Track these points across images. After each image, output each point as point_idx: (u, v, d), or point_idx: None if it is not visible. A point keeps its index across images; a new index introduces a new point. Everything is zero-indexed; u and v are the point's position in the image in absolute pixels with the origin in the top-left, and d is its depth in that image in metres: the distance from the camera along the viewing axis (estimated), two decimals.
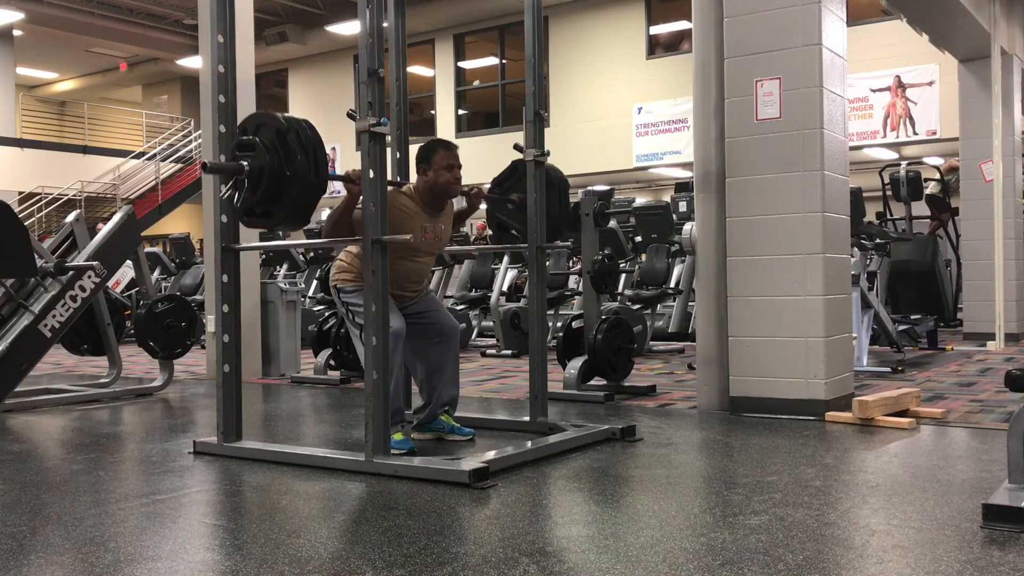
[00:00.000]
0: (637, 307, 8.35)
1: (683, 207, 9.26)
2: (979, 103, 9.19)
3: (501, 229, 4.62)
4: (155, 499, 3.23)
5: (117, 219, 6.00)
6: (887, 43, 14.37)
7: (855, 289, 6.28)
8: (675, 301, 8.78)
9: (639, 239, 9.00)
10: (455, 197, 4.19)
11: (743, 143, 4.92)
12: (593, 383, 5.81)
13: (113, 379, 6.30)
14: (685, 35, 16.76)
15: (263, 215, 3.61)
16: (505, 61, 19.38)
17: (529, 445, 3.84)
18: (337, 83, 20.85)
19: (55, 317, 5.38)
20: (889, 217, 10.66)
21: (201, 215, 8.23)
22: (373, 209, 3.50)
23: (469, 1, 18.29)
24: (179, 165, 21.64)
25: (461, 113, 20.05)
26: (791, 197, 4.75)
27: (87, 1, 18.96)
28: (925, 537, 2.64)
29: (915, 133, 14.93)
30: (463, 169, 4.31)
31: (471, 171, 4.68)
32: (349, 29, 18.69)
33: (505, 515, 2.96)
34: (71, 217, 6.03)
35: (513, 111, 18.32)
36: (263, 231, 10.48)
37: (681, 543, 2.60)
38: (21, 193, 19.41)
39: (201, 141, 8.68)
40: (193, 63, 20.58)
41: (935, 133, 14.65)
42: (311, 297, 10.44)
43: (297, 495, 3.29)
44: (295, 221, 3.60)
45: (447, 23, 19.21)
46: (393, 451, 3.68)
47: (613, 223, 8.57)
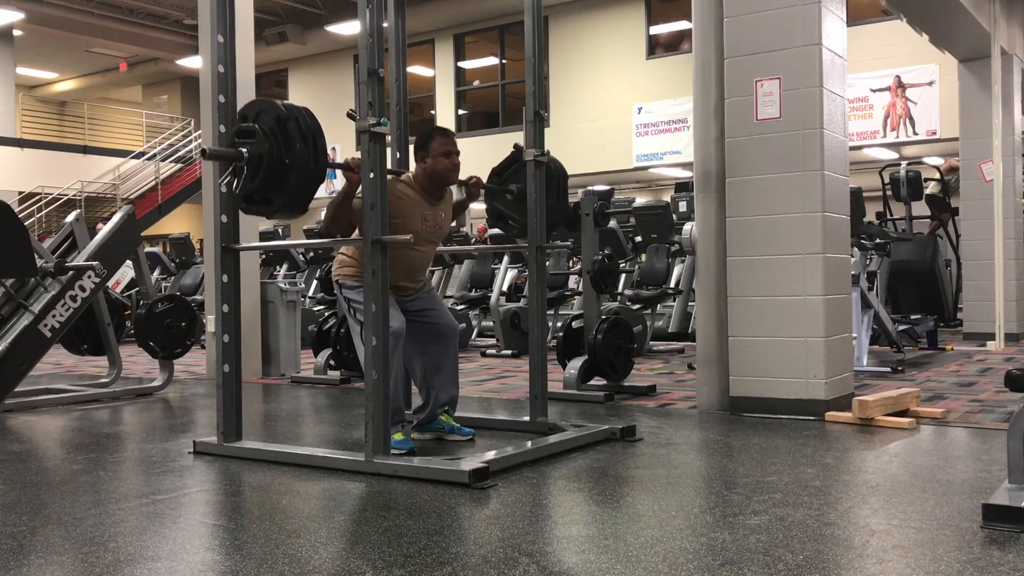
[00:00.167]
0: (637, 307, 8.35)
1: (683, 207, 9.26)
2: (979, 103, 9.20)
3: (499, 219, 4.62)
4: (155, 499, 3.23)
5: (117, 219, 6.00)
6: (887, 43, 14.37)
7: (855, 289, 6.28)
8: (675, 301, 8.78)
9: (639, 239, 9.00)
10: (454, 184, 4.18)
11: (743, 143, 4.92)
12: (593, 383, 5.81)
13: (113, 379, 6.30)
14: (685, 35, 16.76)
15: (262, 202, 3.60)
16: (505, 61, 19.38)
17: (529, 445, 3.84)
18: (337, 83, 20.86)
19: (55, 317, 5.38)
20: (889, 217, 10.66)
21: (201, 215, 8.23)
22: (373, 209, 3.50)
23: (469, 1, 18.30)
24: (179, 165, 21.64)
25: (461, 113, 20.06)
26: (791, 197, 4.75)
27: (87, 1, 18.96)
28: (925, 537, 2.64)
29: (915, 133, 14.94)
30: (462, 168, 4.32)
31: (471, 171, 4.67)
32: (349, 29, 18.70)
33: (505, 515, 2.96)
34: (71, 217, 6.03)
35: (513, 111, 18.33)
36: (263, 231, 10.50)
37: (681, 543, 2.60)
38: (21, 193, 19.41)
39: (201, 141, 8.67)
40: (193, 63, 20.58)
41: (935, 133, 14.66)
42: (311, 297, 10.44)
43: (297, 495, 3.29)
44: (294, 209, 3.58)
45: (447, 23, 19.22)
46: (393, 451, 3.68)
47: (613, 223, 8.57)
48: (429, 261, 4.31)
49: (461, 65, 19.98)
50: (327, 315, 7.18)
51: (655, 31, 17.69)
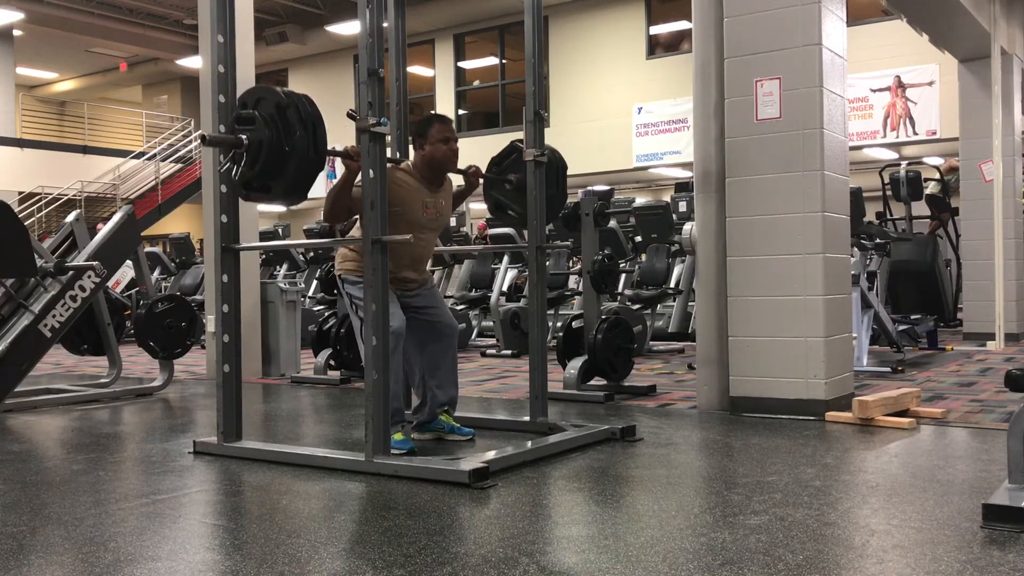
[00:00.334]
0: (637, 307, 8.35)
1: (683, 207, 9.26)
2: (979, 103, 9.20)
3: (498, 209, 4.62)
4: (155, 499, 3.23)
5: (117, 219, 6.00)
6: (887, 43, 14.37)
7: (855, 289, 6.28)
8: (675, 301, 8.78)
9: (639, 239, 9.00)
10: (453, 171, 4.17)
11: (743, 143, 4.92)
12: (593, 383, 5.81)
13: (113, 379, 6.30)
14: (685, 35, 16.76)
15: (261, 189, 3.59)
16: (505, 61, 19.38)
17: (529, 445, 3.84)
18: (337, 83, 20.86)
19: (55, 317, 5.38)
20: (889, 217, 10.66)
21: (201, 215, 8.23)
22: (373, 209, 3.50)
23: (469, 1, 18.30)
24: (179, 165, 21.64)
25: (461, 113, 20.06)
26: (791, 197, 4.75)
27: (87, 1, 18.96)
28: (925, 537, 2.64)
29: (915, 133, 14.94)
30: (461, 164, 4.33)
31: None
32: (349, 29, 18.70)
33: (505, 515, 2.96)
34: (71, 217, 6.03)
35: (513, 111, 18.33)
36: (263, 231, 10.50)
37: (681, 543, 2.60)
38: (21, 193, 19.41)
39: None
40: (193, 63, 20.58)
41: (935, 133, 14.66)
42: (311, 297, 10.44)
43: (297, 495, 3.29)
44: (293, 196, 3.56)
45: (447, 23, 19.21)
46: (393, 451, 3.68)
47: (613, 223, 8.57)
48: (431, 249, 4.28)
49: (461, 65, 19.98)
50: (327, 315, 7.18)
51: (655, 31, 17.69)
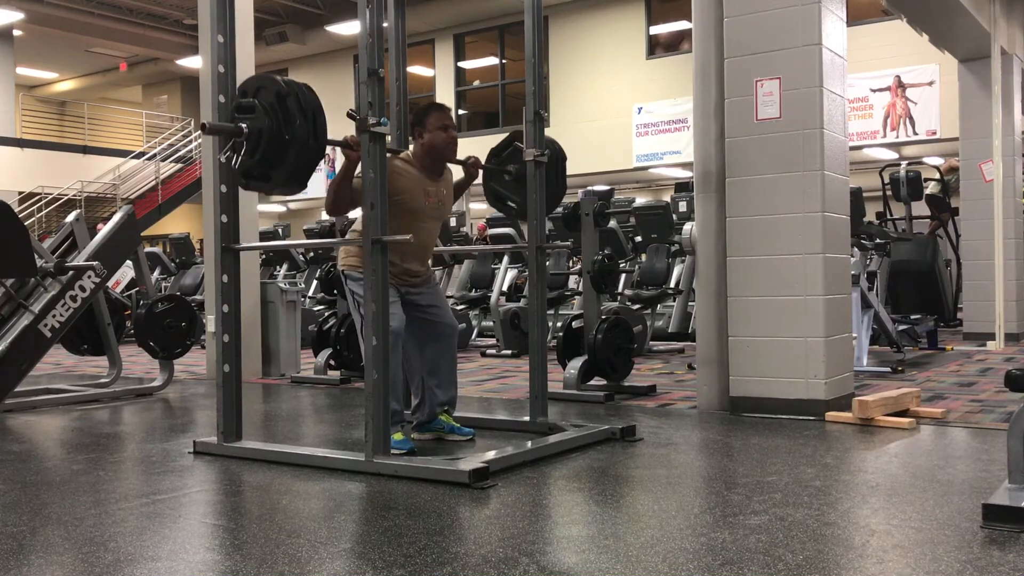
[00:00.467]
0: (637, 307, 8.35)
1: (683, 207, 9.26)
2: (979, 103, 9.20)
3: (497, 200, 4.62)
4: (155, 499, 3.23)
5: (117, 219, 6.00)
6: (887, 43, 14.37)
7: (855, 289, 6.28)
8: (675, 301, 8.78)
9: (639, 239, 9.00)
10: (452, 158, 4.18)
11: (743, 143, 4.92)
12: (593, 383, 5.81)
13: (113, 379, 6.30)
14: (685, 35, 16.76)
15: (261, 178, 3.58)
16: (505, 61, 19.38)
17: (529, 445, 3.84)
18: (337, 83, 20.85)
19: (55, 317, 5.38)
20: (889, 217, 10.66)
21: (201, 215, 8.23)
22: (373, 209, 3.50)
23: (469, 1, 18.29)
24: (179, 165, 21.64)
25: (461, 113, 20.05)
26: (791, 197, 4.75)
27: (87, 1, 18.96)
28: (925, 537, 2.64)
29: (915, 133, 14.94)
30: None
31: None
32: (349, 29, 18.69)
33: (505, 515, 2.96)
34: (71, 217, 6.03)
35: (513, 111, 18.32)
36: (263, 231, 10.50)
37: (681, 543, 2.60)
38: (21, 193, 19.41)
39: (201, 141, 8.67)
40: (193, 63, 20.57)
41: (935, 133, 14.66)
42: (311, 297, 10.44)
43: (297, 495, 3.29)
44: (293, 185, 3.56)
45: (447, 23, 19.21)
46: (393, 451, 3.68)
47: (613, 223, 8.57)
48: (435, 239, 4.26)
49: (461, 65, 19.98)
50: (327, 315, 7.18)
51: (655, 31, 17.68)
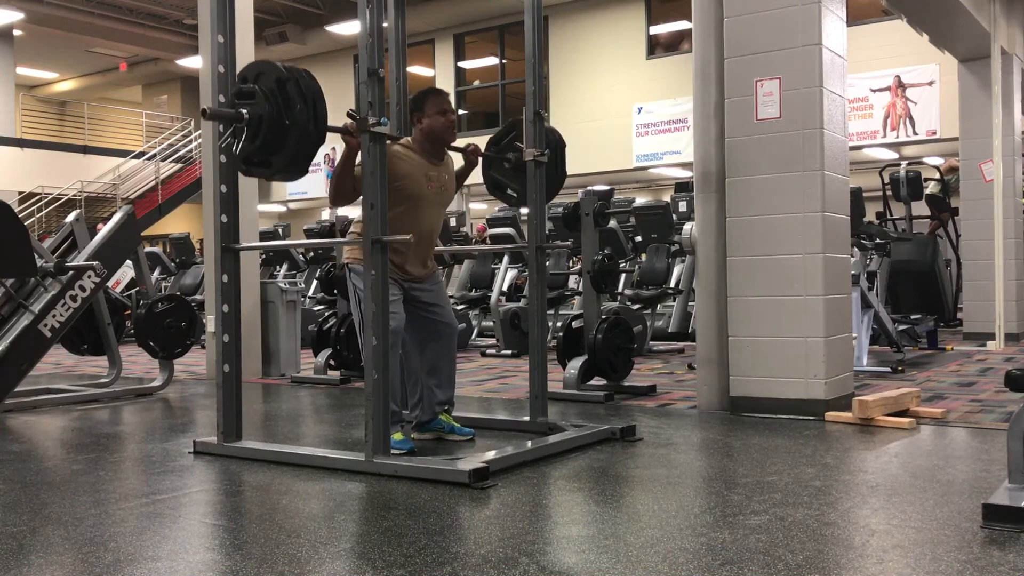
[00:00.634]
0: (637, 307, 8.35)
1: (683, 207, 9.26)
2: (979, 103, 9.20)
3: (497, 188, 4.63)
4: (155, 499, 3.23)
5: (117, 219, 6.00)
6: (887, 43, 14.37)
7: (855, 289, 6.28)
8: (675, 301, 8.78)
9: (639, 239, 9.00)
10: (452, 142, 4.18)
11: (743, 143, 4.92)
12: (593, 383, 5.81)
13: (113, 379, 6.30)
14: (685, 35, 16.76)
15: (262, 164, 3.58)
16: (505, 61, 19.37)
17: (529, 445, 3.84)
18: (337, 83, 20.84)
19: (55, 317, 5.38)
20: (889, 217, 10.66)
21: (201, 215, 8.22)
22: (373, 209, 3.50)
23: (469, 1, 18.29)
24: (179, 165, 21.64)
25: (461, 113, 20.04)
26: (791, 197, 4.75)
27: (87, 1, 18.96)
28: (925, 537, 2.64)
29: (915, 133, 14.93)
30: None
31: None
32: (349, 29, 18.69)
33: (505, 515, 2.96)
34: (71, 217, 6.03)
35: (513, 111, 18.28)
36: (263, 231, 10.50)
37: (681, 543, 2.60)
38: (21, 193, 19.40)
39: (201, 141, 8.67)
40: (193, 63, 20.57)
41: (935, 133, 14.65)
42: (311, 297, 10.44)
43: (297, 495, 3.29)
44: (293, 171, 3.55)
45: (447, 23, 19.20)
46: (393, 451, 3.68)
47: (613, 223, 8.57)
48: (439, 227, 4.24)
49: (461, 65, 19.97)
50: (327, 315, 7.18)
51: (655, 31, 17.67)
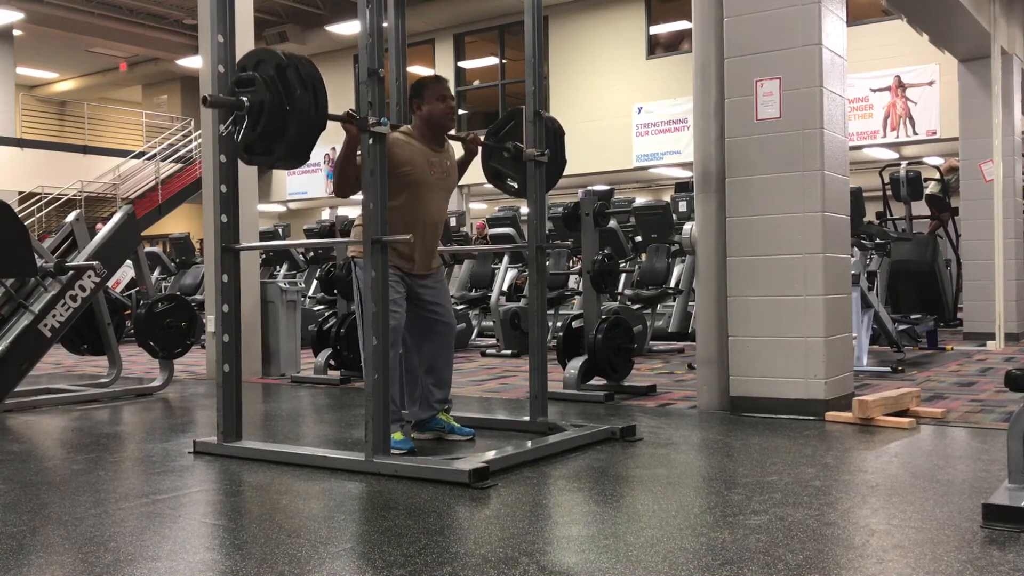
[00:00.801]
0: (637, 307, 8.35)
1: (683, 207, 9.26)
2: (979, 103, 9.20)
3: (497, 178, 4.63)
4: (155, 499, 3.23)
5: (117, 219, 6.00)
6: (887, 43, 14.36)
7: (855, 289, 6.28)
8: (675, 301, 8.78)
9: (639, 239, 9.00)
10: (451, 128, 4.18)
11: (743, 143, 4.92)
12: (593, 383, 5.81)
13: (113, 379, 6.30)
14: (685, 35, 16.75)
15: (263, 152, 3.57)
16: (505, 61, 19.37)
17: (529, 445, 3.84)
18: (337, 83, 20.84)
19: (55, 317, 5.38)
20: (889, 217, 10.66)
21: (201, 215, 8.22)
22: (373, 208, 3.50)
23: (469, 1, 18.29)
24: (179, 165, 21.64)
25: (461, 113, 20.05)
26: (791, 197, 4.75)
27: (87, 1, 18.96)
28: (925, 537, 2.64)
29: (915, 133, 14.93)
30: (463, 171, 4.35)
31: (472, 172, 4.69)
32: (349, 29, 18.69)
33: (505, 515, 2.96)
34: (71, 217, 6.03)
35: None
36: (263, 231, 10.49)
37: (681, 543, 2.60)
38: (21, 193, 19.40)
39: (201, 141, 8.67)
40: (193, 63, 20.57)
41: (935, 133, 14.65)
42: (311, 297, 10.44)
43: (297, 495, 3.30)
44: (295, 158, 3.54)
45: (447, 23, 19.20)
46: (393, 451, 3.68)
47: (613, 223, 8.57)
48: (444, 214, 4.22)
49: (461, 65, 19.97)
50: (327, 315, 7.18)
51: (655, 31, 17.67)
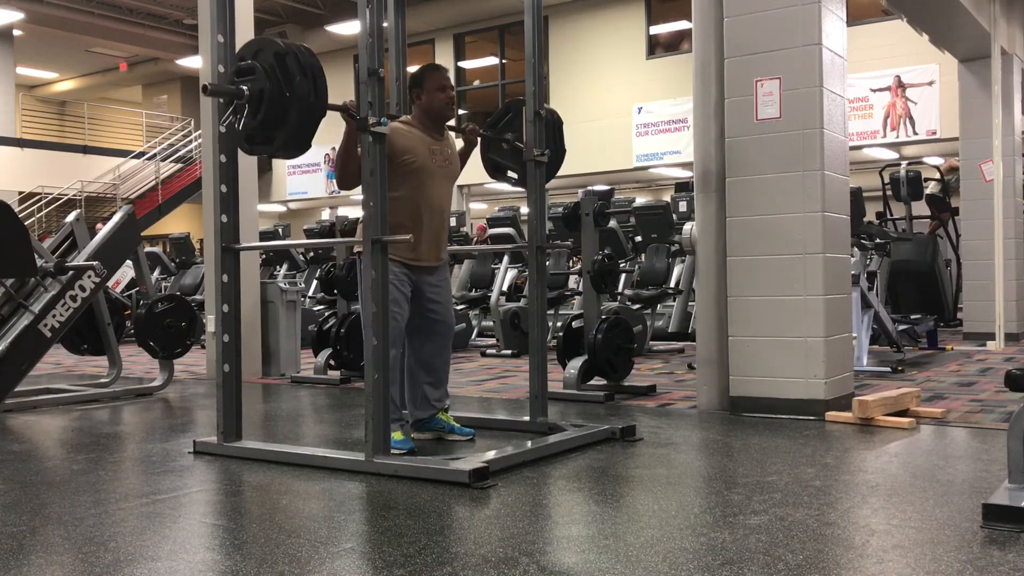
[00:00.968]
0: (637, 307, 8.35)
1: (683, 207, 9.26)
2: (979, 103, 9.20)
3: (496, 170, 4.63)
4: (155, 499, 3.23)
5: (117, 219, 6.00)
6: (887, 43, 14.37)
7: (855, 289, 6.28)
8: (675, 301, 8.78)
9: (639, 239, 9.00)
10: (451, 117, 4.19)
11: (743, 143, 4.92)
12: (593, 383, 5.81)
13: (113, 379, 6.30)
14: (685, 35, 16.76)
15: (264, 141, 3.57)
16: (505, 61, 19.38)
17: (529, 445, 3.84)
18: (337, 83, 20.84)
19: (55, 317, 5.38)
20: (889, 217, 10.66)
21: (201, 215, 8.22)
22: (373, 207, 3.50)
23: (469, 1, 18.29)
24: (179, 165, 21.64)
25: (461, 113, 20.05)
26: (791, 197, 4.75)
27: (87, 1, 18.96)
28: (925, 537, 2.64)
29: (915, 133, 14.93)
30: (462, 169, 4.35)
31: (472, 171, 4.70)
32: (349, 29, 18.69)
33: (505, 515, 2.96)
34: (71, 217, 6.04)
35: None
36: (263, 231, 10.50)
37: (681, 543, 2.60)
38: (21, 193, 19.41)
39: (201, 141, 8.67)
40: (193, 63, 20.57)
41: (935, 133, 14.65)
42: (311, 297, 10.44)
43: (297, 495, 3.30)
44: (296, 146, 3.53)
45: (447, 23, 19.21)
46: (393, 451, 3.68)
47: (613, 223, 8.57)
48: (449, 203, 4.21)
49: (461, 65, 19.97)
50: (327, 315, 7.18)
51: (655, 31, 17.67)
